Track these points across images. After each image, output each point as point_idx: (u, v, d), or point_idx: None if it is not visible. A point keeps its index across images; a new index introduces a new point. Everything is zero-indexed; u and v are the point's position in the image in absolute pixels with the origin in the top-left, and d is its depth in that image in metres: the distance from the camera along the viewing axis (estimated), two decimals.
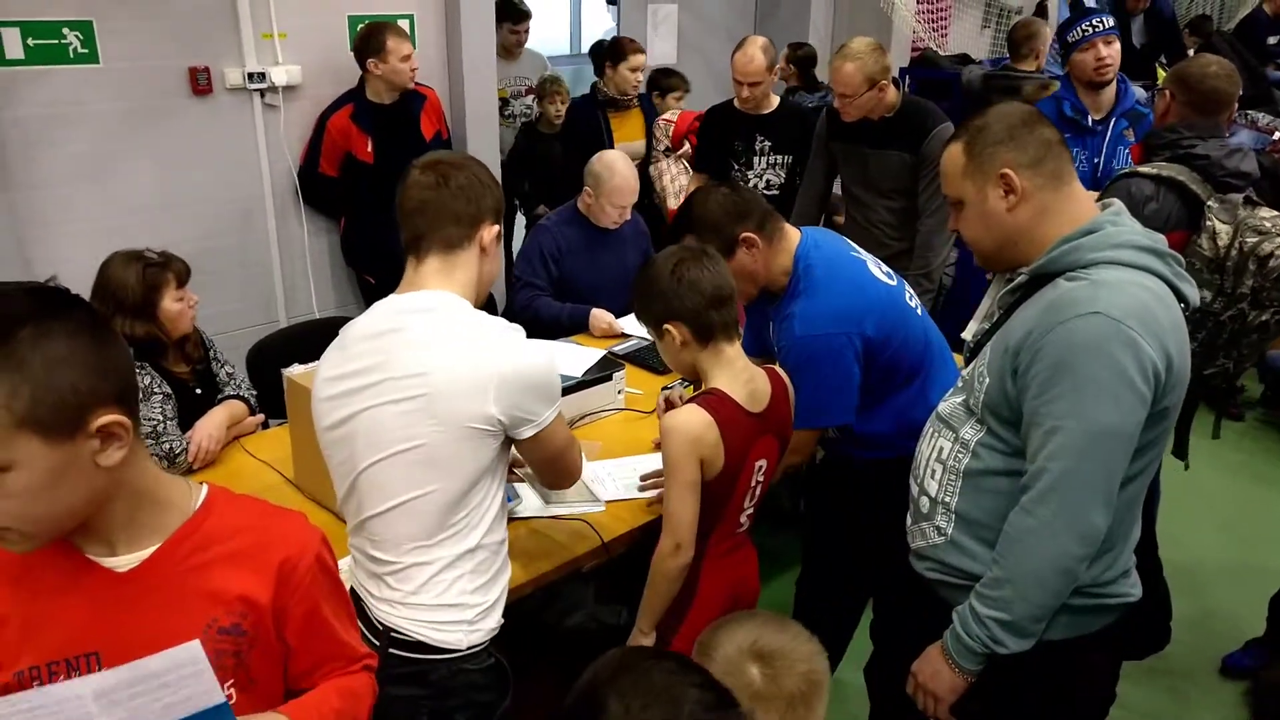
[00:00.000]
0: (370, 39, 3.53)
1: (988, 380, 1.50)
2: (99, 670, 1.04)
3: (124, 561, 1.05)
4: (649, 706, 0.94)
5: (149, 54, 3.30)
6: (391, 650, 1.51)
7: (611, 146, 3.93)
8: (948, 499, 1.57)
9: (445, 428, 1.46)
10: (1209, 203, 2.30)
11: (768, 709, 1.18)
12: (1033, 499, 1.42)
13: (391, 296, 1.56)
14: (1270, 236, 2.21)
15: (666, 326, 1.77)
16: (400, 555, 1.52)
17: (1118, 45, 3.24)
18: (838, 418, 2.01)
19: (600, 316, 3.08)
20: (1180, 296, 1.47)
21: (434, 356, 1.46)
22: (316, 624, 1.17)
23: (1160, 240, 1.49)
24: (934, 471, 1.61)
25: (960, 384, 1.65)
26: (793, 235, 2.08)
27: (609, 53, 4.18)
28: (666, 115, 4.12)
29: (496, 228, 1.59)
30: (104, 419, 0.96)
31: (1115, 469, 1.39)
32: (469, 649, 1.53)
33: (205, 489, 1.13)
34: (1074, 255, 1.45)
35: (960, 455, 1.56)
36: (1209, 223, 2.28)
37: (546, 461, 1.63)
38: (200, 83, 3.41)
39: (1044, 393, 1.40)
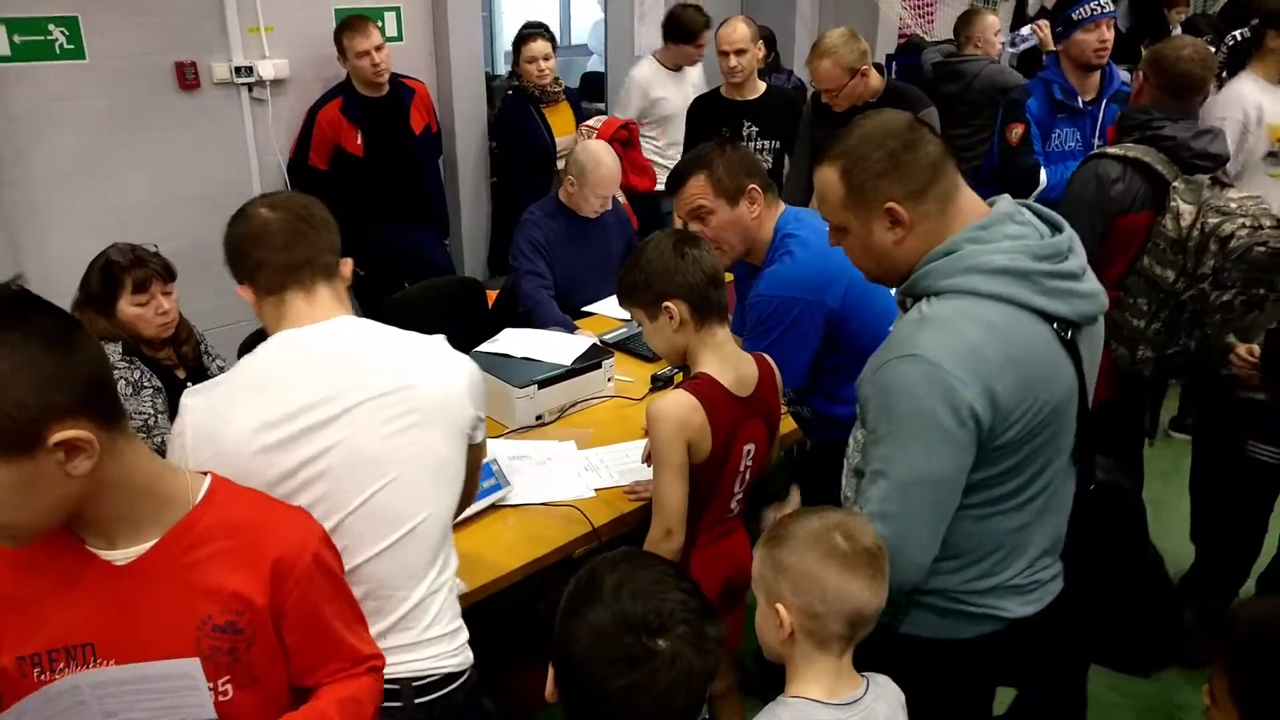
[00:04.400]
0: (335, 37, 3.56)
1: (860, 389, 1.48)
2: (94, 660, 1.06)
3: (122, 555, 1.06)
4: (636, 596, 1.06)
5: (135, 49, 3.30)
6: (418, 700, 1.39)
7: (551, 141, 3.94)
8: (850, 494, 1.55)
9: (448, 437, 1.42)
10: (1174, 183, 2.33)
11: (856, 566, 1.27)
12: None
13: (301, 329, 1.40)
14: (1232, 217, 2.24)
15: (667, 304, 1.75)
16: (413, 590, 1.39)
17: (1113, 30, 3.25)
18: (786, 381, 2.03)
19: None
20: (1051, 317, 1.36)
21: (412, 368, 1.40)
22: (315, 625, 1.16)
23: (1026, 259, 1.35)
24: (845, 471, 1.59)
25: None
26: (779, 208, 2.16)
27: (514, 46, 4.05)
28: (589, 122, 4.02)
29: (350, 261, 1.51)
30: (62, 434, 0.94)
31: (933, 511, 1.38)
32: (473, 662, 1.47)
33: (208, 481, 1.13)
34: (926, 281, 1.38)
35: (854, 455, 1.53)
36: (1173, 203, 2.30)
37: (473, 469, 1.56)
38: (187, 77, 3.42)
39: (871, 432, 1.40)
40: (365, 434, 1.35)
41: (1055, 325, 1.37)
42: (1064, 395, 1.40)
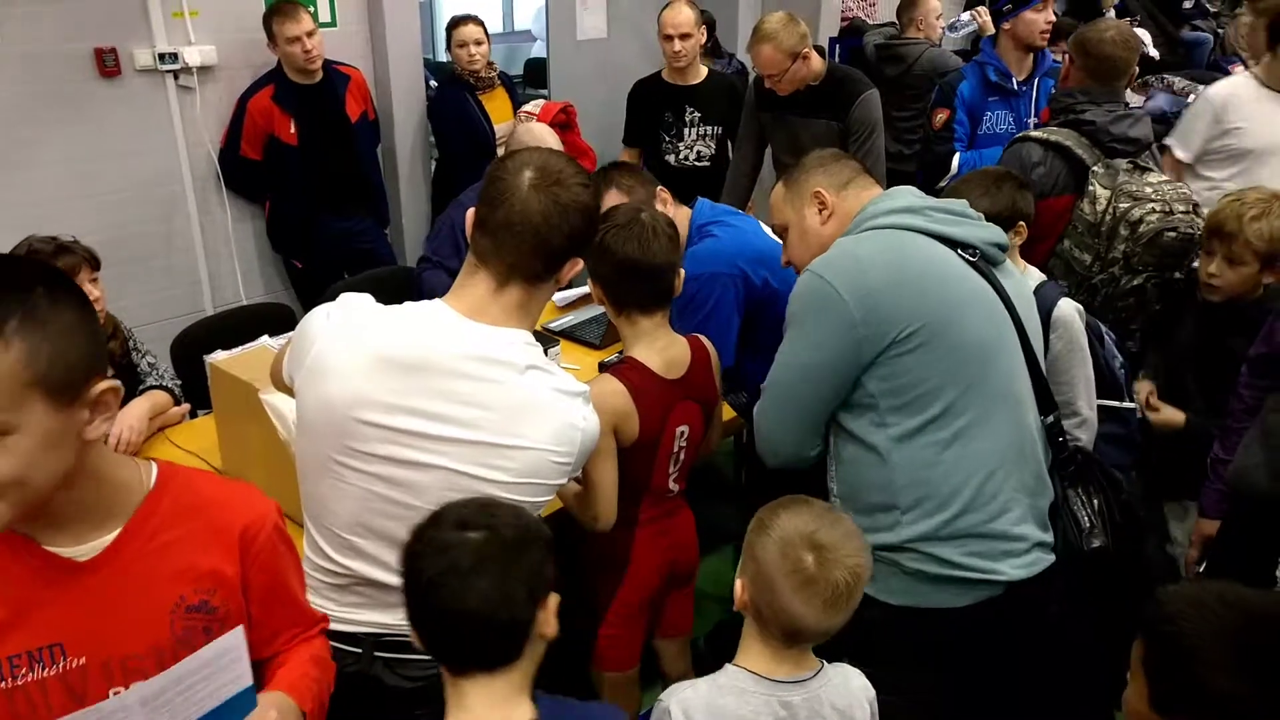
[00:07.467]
0: (264, 22, 3.45)
1: None
2: (64, 659, 1.04)
3: (85, 550, 1.04)
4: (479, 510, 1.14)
5: (51, 36, 3.15)
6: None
7: (490, 127, 3.89)
8: (832, 484, 1.66)
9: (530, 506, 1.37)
10: (1094, 167, 2.35)
11: (813, 594, 1.25)
12: None
13: (462, 319, 1.34)
14: (1143, 202, 2.26)
15: (594, 282, 1.83)
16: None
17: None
18: (722, 360, 2.05)
19: None
20: (951, 240, 1.60)
21: (531, 424, 1.33)
22: (280, 591, 1.18)
23: (919, 201, 1.64)
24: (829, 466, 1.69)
25: None
26: (684, 209, 2.34)
27: (446, 31, 3.98)
28: (528, 107, 3.98)
29: (581, 263, 1.42)
30: (102, 386, 0.97)
31: (806, 394, 1.59)
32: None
33: (155, 467, 1.12)
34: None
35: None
36: (1091, 187, 2.33)
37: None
38: (107, 65, 3.27)
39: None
40: (466, 473, 1.32)
41: (958, 251, 1.59)
42: (966, 301, 1.56)
